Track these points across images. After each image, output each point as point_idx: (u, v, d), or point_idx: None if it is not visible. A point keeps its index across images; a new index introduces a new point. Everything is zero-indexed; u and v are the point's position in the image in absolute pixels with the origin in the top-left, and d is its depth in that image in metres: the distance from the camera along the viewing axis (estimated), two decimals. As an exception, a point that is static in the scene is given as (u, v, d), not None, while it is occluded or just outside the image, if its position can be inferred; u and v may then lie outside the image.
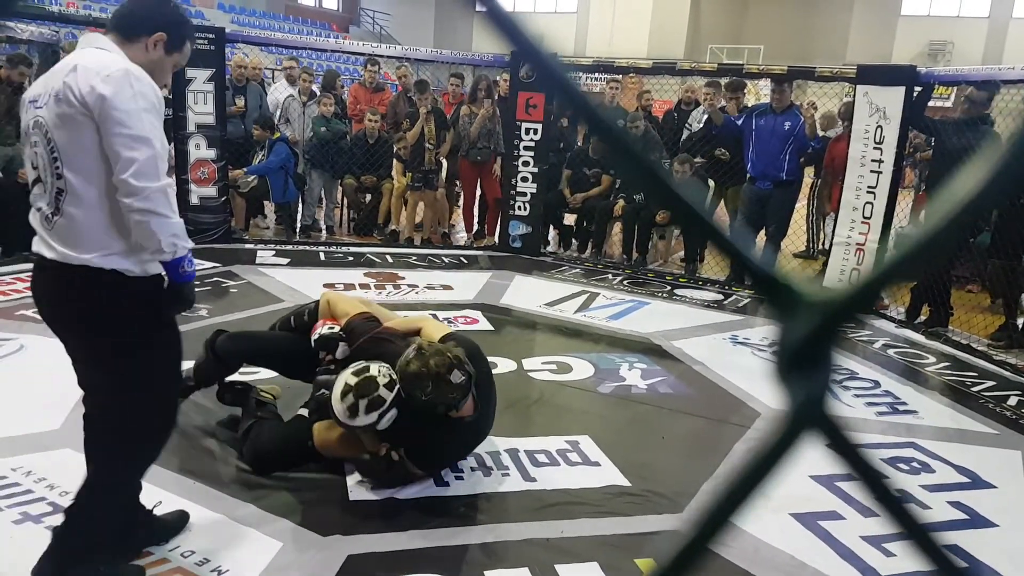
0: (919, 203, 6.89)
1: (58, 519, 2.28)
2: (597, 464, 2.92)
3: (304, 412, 2.79)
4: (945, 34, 21.59)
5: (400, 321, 3.01)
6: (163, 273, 1.88)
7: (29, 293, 2.04)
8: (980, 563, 2.42)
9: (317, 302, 3.10)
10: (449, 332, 2.82)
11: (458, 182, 7.30)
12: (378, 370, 2.47)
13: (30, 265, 1.98)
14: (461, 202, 7.47)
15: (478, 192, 7.21)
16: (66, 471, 2.58)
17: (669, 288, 5.96)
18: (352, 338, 2.79)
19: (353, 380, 2.43)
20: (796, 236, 6.73)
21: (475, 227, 7.31)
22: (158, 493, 2.48)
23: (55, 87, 1.77)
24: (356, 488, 2.60)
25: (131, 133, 1.73)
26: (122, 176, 1.73)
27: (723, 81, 6.55)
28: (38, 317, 1.98)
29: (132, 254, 1.83)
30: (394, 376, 2.47)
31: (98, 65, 1.76)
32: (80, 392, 2.11)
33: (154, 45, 1.91)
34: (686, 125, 7.07)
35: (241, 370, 3.09)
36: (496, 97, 6.80)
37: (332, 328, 2.84)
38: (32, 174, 1.86)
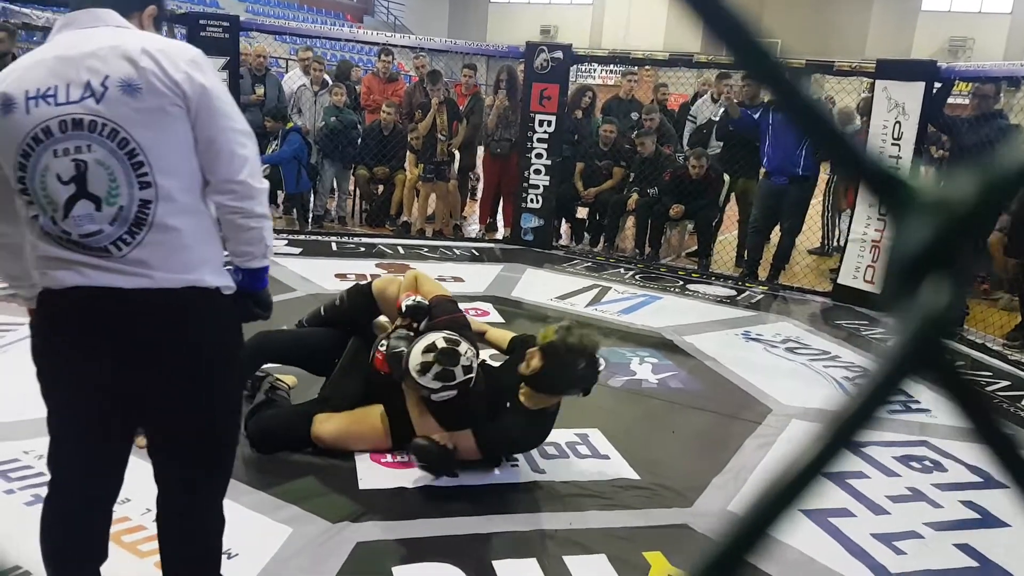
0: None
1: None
2: (607, 457, 2.91)
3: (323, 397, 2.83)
4: (966, 30, 21.32)
5: (475, 323, 3.05)
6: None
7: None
8: (992, 563, 2.40)
9: (350, 290, 3.16)
10: (514, 336, 2.94)
11: (471, 174, 7.27)
12: (465, 350, 2.50)
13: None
14: (479, 194, 7.43)
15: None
16: (78, 454, 2.61)
17: (681, 283, 5.93)
18: (435, 314, 2.80)
19: (442, 343, 2.47)
20: (811, 232, 6.68)
21: (488, 220, 7.29)
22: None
23: (117, 73, 1.40)
24: (366, 476, 2.61)
25: (239, 127, 1.51)
26: (239, 177, 1.49)
27: (736, 75, 6.50)
28: None
29: (223, 266, 1.57)
30: (475, 365, 2.51)
31: (170, 46, 1.47)
32: None
33: (149, 22, 1.62)
34: (689, 117, 7.02)
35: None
36: (518, 88, 6.72)
37: (419, 300, 2.85)
38: (65, 191, 1.40)
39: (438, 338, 2.48)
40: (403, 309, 2.81)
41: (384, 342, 2.70)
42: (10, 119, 1.40)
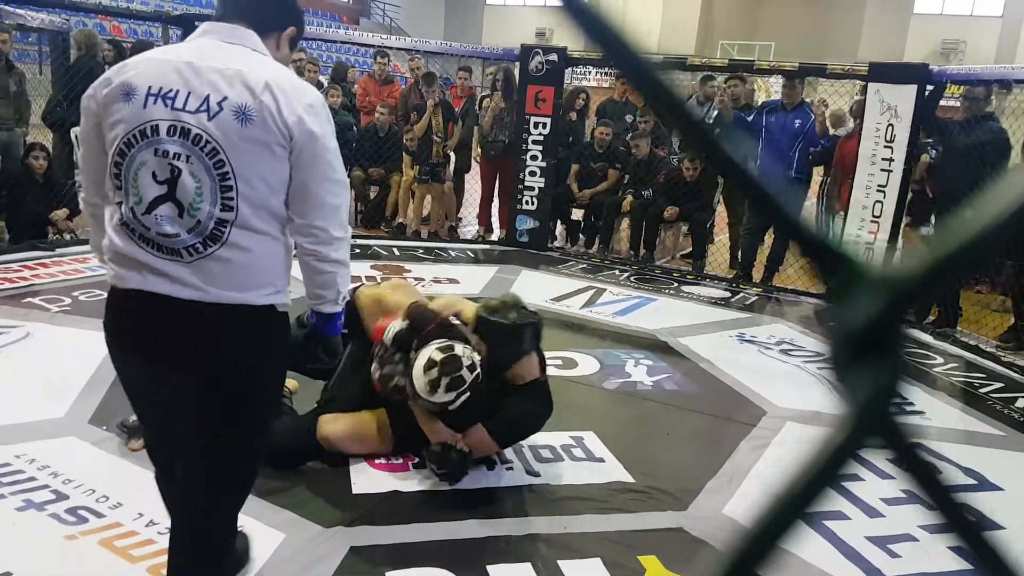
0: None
1: (61, 506, 2.29)
2: (601, 460, 2.91)
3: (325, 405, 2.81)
4: (958, 33, 21.43)
5: (439, 302, 2.93)
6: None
7: (39, 281, 1.76)
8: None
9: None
10: (485, 301, 2.89)
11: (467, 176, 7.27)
12: (462, 351, 2.48)
13: (37, 253, 1.82)
14: (478, 196, 7.42)
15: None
16: (70, 459, 2.59)
17: (676, 285, 5.94)
18: (417, 327, 2.75)
19: (439, 356, 2.44)
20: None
21: (486, 221, 7.28)
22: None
23: (236, 98, 1.43)
24: (359, 480, 2.60)
25: (338, 178, 1.54)
26: (320, 223, 1.52)
27: (720, 77, 6.53)
28: (45, 305, 1.94)
29: (284, 289, 1.59)
30: (476, 360, 2.49)
31: (293, 87, 1.48)
32: (79, 381, 2.03)
33: (286, 42, 1.64)
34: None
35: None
36: (514, 90, 6.72)
37: (400, 327, 2.78)
38: (155, 189, 1.45)
39: (432, 351, 2.46)
40: (389, 343, 2.77)
41: (377, 370, 2.64)
42: (127, 107, 1.46)
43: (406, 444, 2.69)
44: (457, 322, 2.82)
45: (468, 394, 2.46)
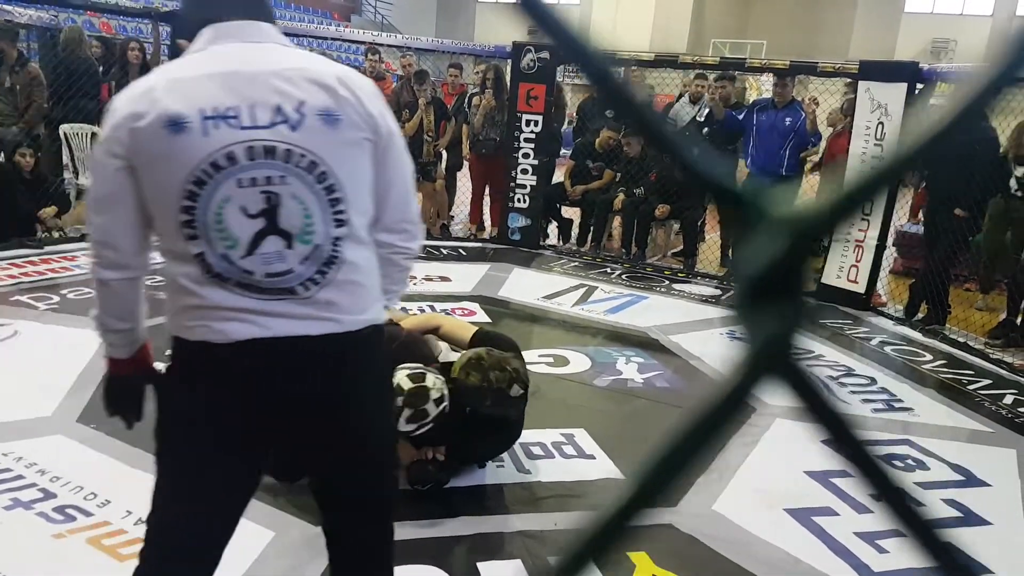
0: (918, 201, 6.88)
1: (49, 504, 2.28)
2: (592, 457, 2.91)
3: None
4: (948, 32, 21.51)
5: (414, 321, 2.90)
6: None
7: (27, 279, 1.45)
8: (974, 561, 2.41)
9: None
10: (476, 330, 2.76)
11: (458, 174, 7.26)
12: (433, 383, 2.39)
13: (25, 251, 1.58)
14: (469, 194, 7.41)
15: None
16: (58, 457, 2.58)
17: (667, 282, 5.95)
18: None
19: (407, 385, 2.36)
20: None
21: (478, 220, 7.26)
22: (149, 480, 2.47)
23: (314, 101, 1.25)
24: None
25: (411, 170, 1.43)
26: (411, 218, 1.43)
27: (711, 75, 6.54)
28: (33, 303, 1.90)
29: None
30: (445, 393, 2.41)
31: (357, 77, 1.34)
32: (68, 380, 1.98)
33: None
34: (668, 119, 7.00)
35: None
36: (505, 88, 6.72)
37: None
38: (250, 225, 1.23)
39: (401, 378, 2.36)
40: None
41: None
42: (181, 141, 1.19)
43: None
44: (429, 326, 2.78)
45: (431, 426, 2.41)
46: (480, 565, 2.20)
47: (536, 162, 6.60)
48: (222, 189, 1.21)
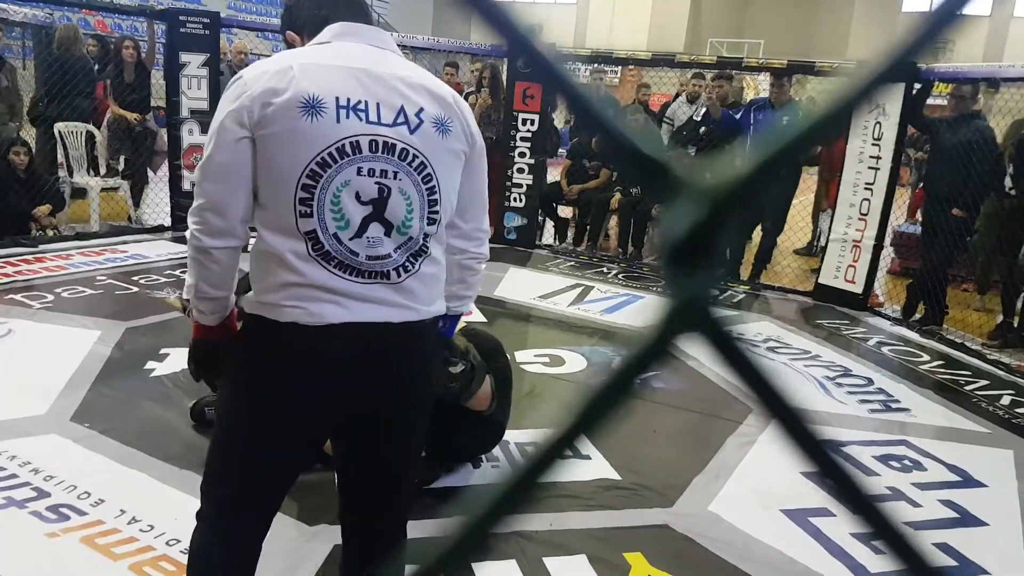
0: (916, 201, 6.89)
1: (42, 504, 2.26)
2: (587, 457, 2.90)
3: None
4: (946, 32, 21.57)
5: None
6: None
7: (21, 278, 1.56)
8: (970, 562, 2.41)
9: None
10: (464, 326, 2.77)
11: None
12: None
13: (19, 249, 1.65)
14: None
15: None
16: (51, 456, 2.56)
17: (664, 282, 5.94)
18: None
19: None
20: (792, 232, 6.70)
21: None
22: (143, 479, 2.46)
23: (432, 110, 1.38)
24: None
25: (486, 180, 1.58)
26: (486, 226, 1.59)
27: (708, 74, 6.54)
28: (27, 302, 1.89)
29: None
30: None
31: (463, 101, 1.49)
32: (61, 379, 2.00)
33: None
34: (665, 119, 7.02)
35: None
36: (502, 87, 6.71)
37: None
38: (361, 211, 1.33)
39: None
40: None
41: None
42: (316, 123, 1.28)
43: None
44: None
45: None
46: (475, 565, 2.19)
47: (532, 161, 6.59)
48: (344, 173, 1.30)
